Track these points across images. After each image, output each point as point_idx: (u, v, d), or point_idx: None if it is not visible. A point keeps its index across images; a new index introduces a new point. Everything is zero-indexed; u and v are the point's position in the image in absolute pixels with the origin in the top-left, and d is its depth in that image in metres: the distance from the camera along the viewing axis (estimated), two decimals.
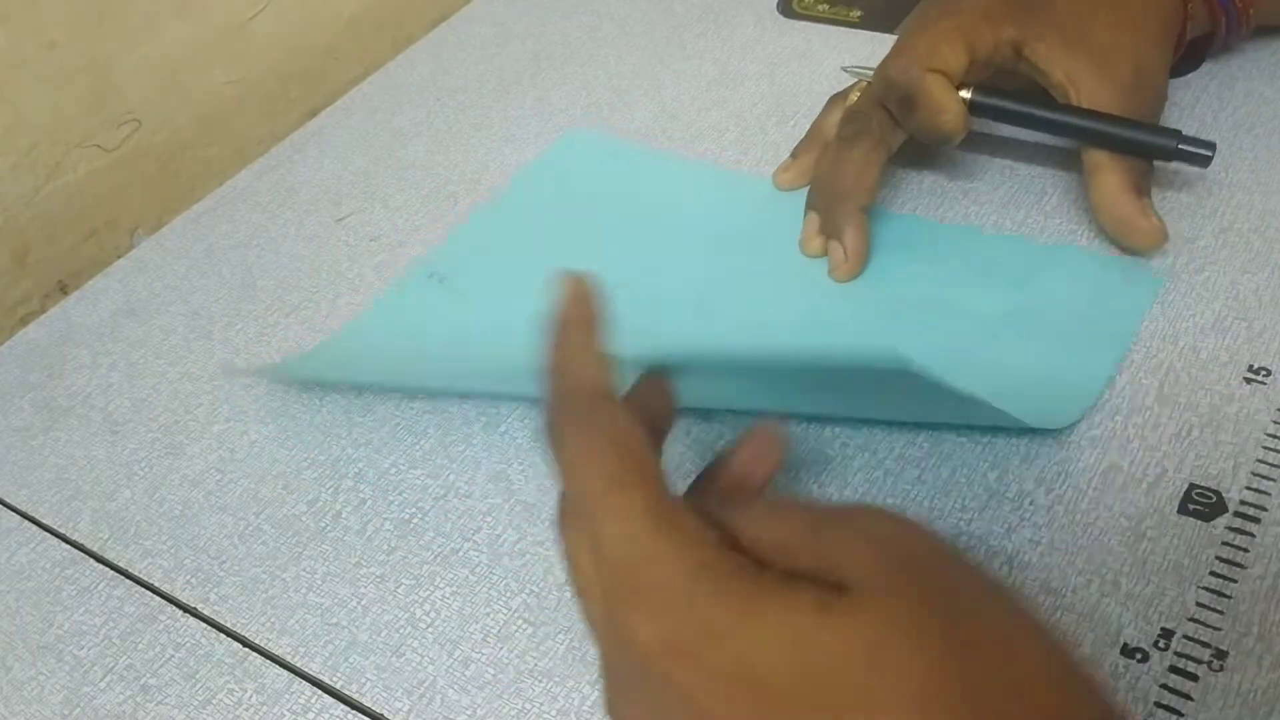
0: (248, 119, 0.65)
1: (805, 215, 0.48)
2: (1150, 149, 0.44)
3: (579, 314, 0.29)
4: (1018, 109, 0.46)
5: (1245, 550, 0.35)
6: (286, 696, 0.35)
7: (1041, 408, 0.39)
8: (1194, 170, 0.47)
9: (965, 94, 0.45)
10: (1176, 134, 0.44)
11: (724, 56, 0.60)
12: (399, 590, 0.38)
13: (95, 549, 0.41)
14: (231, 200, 0.56)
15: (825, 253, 0.46)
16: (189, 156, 0.63)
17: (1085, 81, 0.44)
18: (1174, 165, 0.45)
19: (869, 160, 0.46)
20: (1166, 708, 0.31)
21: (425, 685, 0.35)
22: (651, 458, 0.27)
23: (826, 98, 0.52)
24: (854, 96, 0.48)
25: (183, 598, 0.39)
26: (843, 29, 0.60)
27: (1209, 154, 0.43)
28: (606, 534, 0.26)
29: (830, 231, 0.46)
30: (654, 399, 0.32)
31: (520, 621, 0.36)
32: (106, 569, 0.40)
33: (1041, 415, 0.39)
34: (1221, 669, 0.32)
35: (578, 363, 0.29)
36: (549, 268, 0.30)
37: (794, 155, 0.51)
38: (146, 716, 0.36)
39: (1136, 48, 0.45)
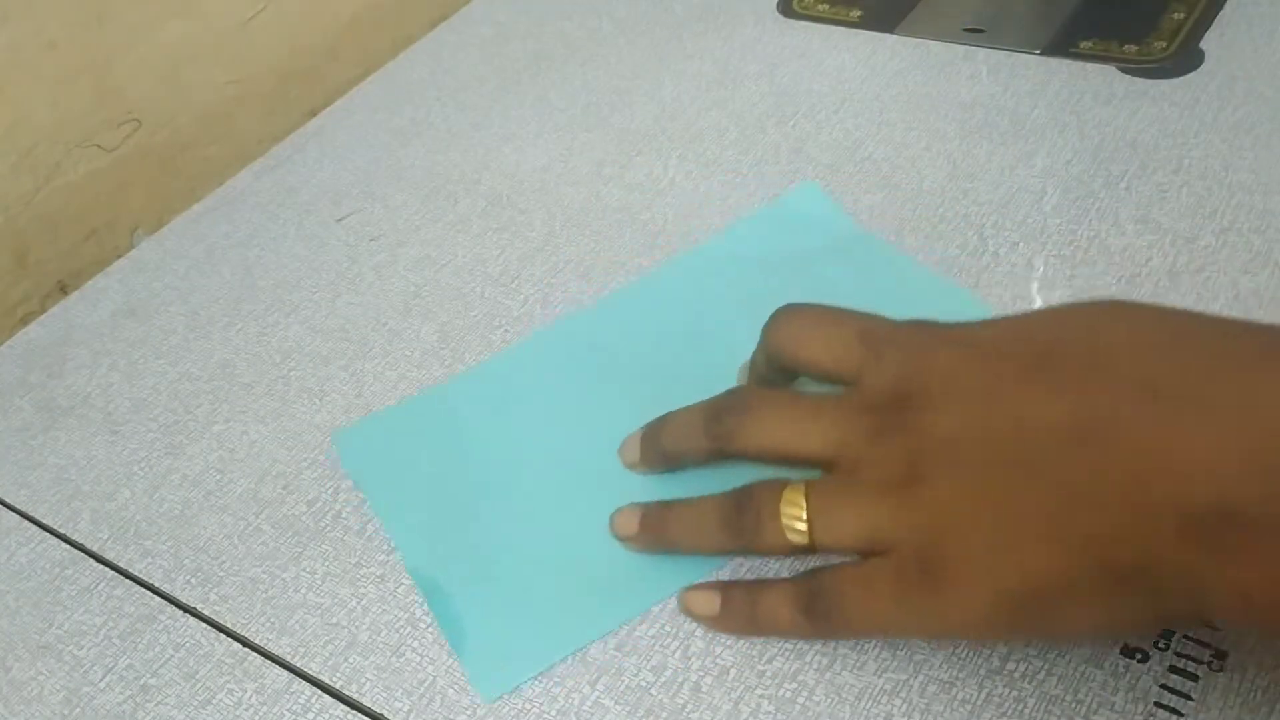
0: (248, 119, 0.65)
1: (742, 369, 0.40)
2: None
3: None
4: None
5: None
6: (286, 696, 0.35)
7: None
8: (1194, 170, 0.47)
9: None
10: None
11: (724, 56, 0.60)
12: (399, 590, 0.38)
13: (95, 549, 0.41)
14: (231, 200, 0.56)
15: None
16: (189, 156, 0.63)
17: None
18: (1175, 179, 0.44)
19: None
20: (1166, 708, 0.31)
21: (425, 685, 0.35)
22: None
23: (826, 98, 0.52)
24: None
25: (183, 598, 0.39)
26: (843, 29, 0.60)
27: None
28: None
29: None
30: None
31: None
32: (106, 569, 0.40)
33: None
34: (1221, 669, 0.32)
35: None
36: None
37: None
38: (146, 716, 0.36)
39: None
